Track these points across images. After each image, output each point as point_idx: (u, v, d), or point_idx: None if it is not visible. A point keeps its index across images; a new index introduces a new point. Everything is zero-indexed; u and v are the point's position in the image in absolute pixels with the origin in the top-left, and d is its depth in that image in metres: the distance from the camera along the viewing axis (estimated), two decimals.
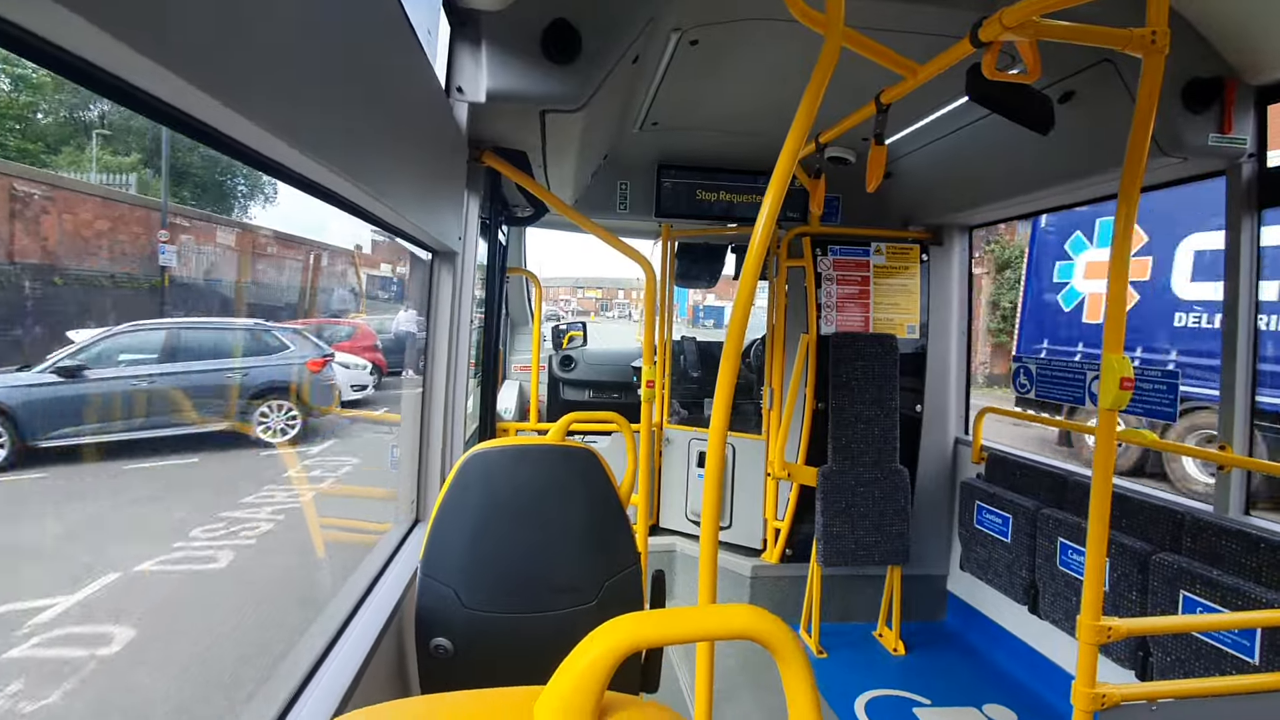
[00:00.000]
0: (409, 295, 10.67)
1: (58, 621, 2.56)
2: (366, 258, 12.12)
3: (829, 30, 1.42)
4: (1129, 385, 1.51)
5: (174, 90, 0.66)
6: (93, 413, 3.68)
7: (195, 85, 0.65)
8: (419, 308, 2.30)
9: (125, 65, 0.61)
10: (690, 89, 2.96)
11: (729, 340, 1.46)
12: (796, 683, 0.60)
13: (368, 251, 12.08)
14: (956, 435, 3.90)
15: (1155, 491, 2.67)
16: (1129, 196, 1.51)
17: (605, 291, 59.31)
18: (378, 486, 5.27)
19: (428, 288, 2.21)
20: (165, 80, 0.63)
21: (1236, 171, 2.32)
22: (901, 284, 3.83)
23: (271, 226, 4.92)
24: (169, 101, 0.70)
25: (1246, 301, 2.33)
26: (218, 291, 6.14)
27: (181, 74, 0.63)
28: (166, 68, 0.61)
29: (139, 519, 3.69)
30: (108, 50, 0.57)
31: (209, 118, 0.76)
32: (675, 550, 4.02)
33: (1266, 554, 2.11)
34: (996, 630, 3.44)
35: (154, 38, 0.59)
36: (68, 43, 0.56)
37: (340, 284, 10.64)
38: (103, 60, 0.60)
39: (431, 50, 1.70)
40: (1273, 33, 2.07)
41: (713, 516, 1.48)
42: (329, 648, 1.45)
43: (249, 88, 0.76)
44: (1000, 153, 3.12)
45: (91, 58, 0.59)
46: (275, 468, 5.45)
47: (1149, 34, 1.47)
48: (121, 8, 0.54)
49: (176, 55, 0.62)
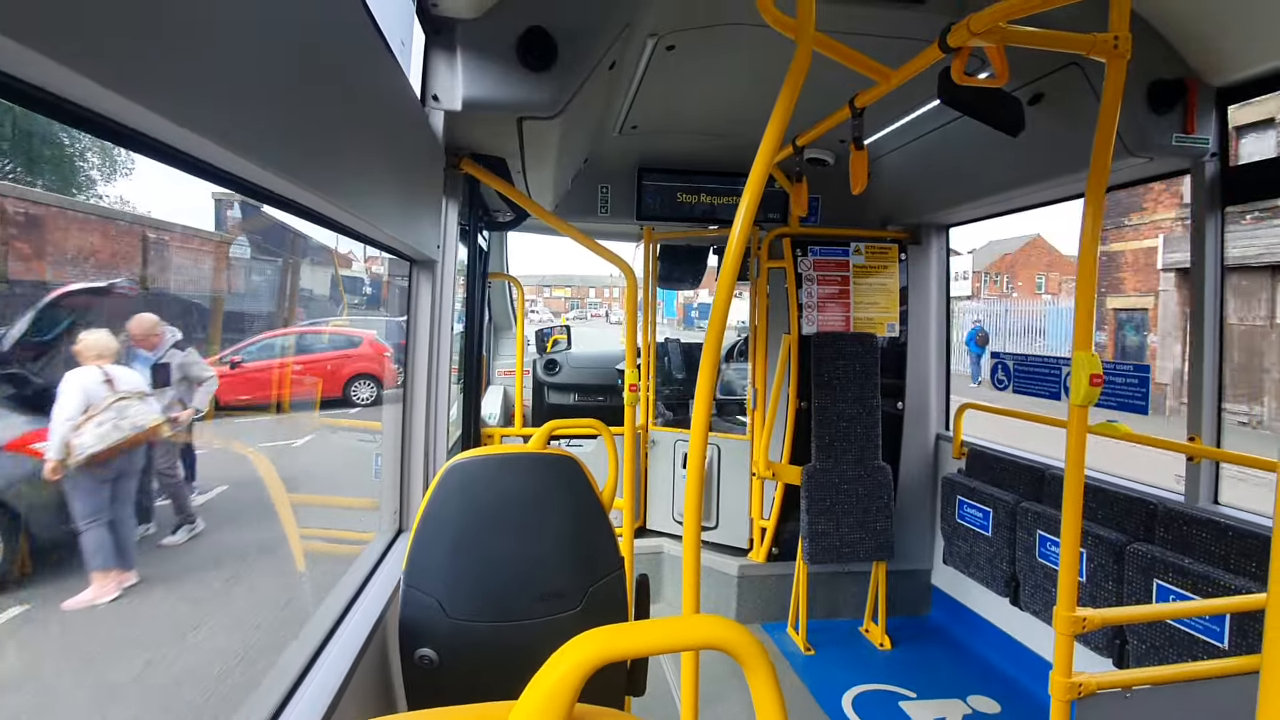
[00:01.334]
0: (386, 301, 9.86)
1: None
2: (342, 256, 11.23)
3: (800, 35, 1.44)
4: (1098, 381, 1.54)
5: (121, 109, 0.64)
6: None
7: (144, 104, 0.63)
8: (400, 313, 2.29)
9: (71, 86, 0.58)
10: (669, 93, 2.98)
11: (708, 341, 1.47)
12: (763, 690, 0.62)
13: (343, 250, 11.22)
14: (938, 431, 3.96)
15: (1129, 483, 2.73)
16: (1096, 196, 1.55)
17: (575, 290, 55.71)
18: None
19: (408, 296, 2.20)
20: (112, 100, 0.61)
21: (1200, 170, 2.38)
22: (881, 283, 3.87)
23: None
24: (120, 121, 0.68)
25: (1212, 297, 2.39)
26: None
27: (131, 93, 0.61)
28: (113, 89, 0.59)
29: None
30: (49, 71, 0.54)
31: (165, 136, 0.74)
32: (663, 552, 4.04)
33: (1234, 541, 2.17)
34: (980, 623, 3.50)
35: (105, 59, 0.57)
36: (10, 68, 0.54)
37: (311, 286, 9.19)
38: (48, 83, 0.57)
39: (405, 59, 1.69)
40: (1231, 34, 2.13)
41: (695, 522, 1.49)
42: (313, 660, 1.44)
43: (208, 103, 0.74)
44: (974, 153, 3.17)
45: (34, 80, 0.56)
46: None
47: (1111, 39, 1.51)
48: (61, 24, 0.52)
49: (127, 74, 0.60)
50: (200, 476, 3.40)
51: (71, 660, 2.35)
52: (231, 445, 4.31)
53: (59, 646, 2.36)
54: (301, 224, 1.41)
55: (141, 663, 2.44)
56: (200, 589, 2.97)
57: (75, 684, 2.27)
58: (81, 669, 2.36)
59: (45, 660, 2.29)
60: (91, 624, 2.47)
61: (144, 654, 2.48)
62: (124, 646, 2.47)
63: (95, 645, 2.43)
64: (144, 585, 2.68)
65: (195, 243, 3.33)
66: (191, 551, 3.12)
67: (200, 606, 2.90)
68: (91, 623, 2.47)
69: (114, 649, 2.45)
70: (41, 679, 2.23)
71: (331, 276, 9.40)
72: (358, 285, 11.63)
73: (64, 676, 2.29)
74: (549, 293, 54.96)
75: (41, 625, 2.35)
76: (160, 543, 3.09)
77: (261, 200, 1.06)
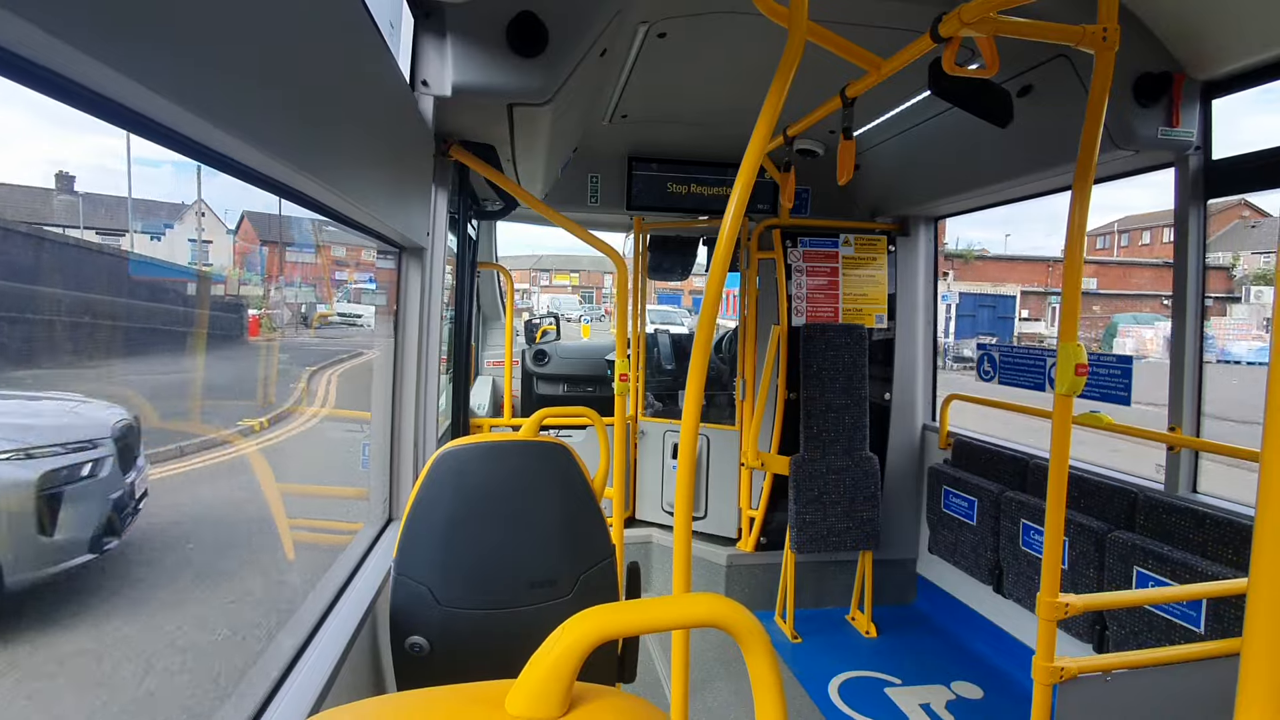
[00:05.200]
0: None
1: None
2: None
3: (793, 24, 1.43)
4: (1083, 371, 1.56)
5: (120, 88, 0.65)
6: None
7: (143, 83, 0.63)
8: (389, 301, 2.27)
9: (69, 63, 0.58)
10: (659, 82, 2.96)
11: (699, 332, 1.48)
12: (761, 668, 0.63)
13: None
14: (924, 422, 4.00)
15: (1111, 472, 2.78)
16: (1083, 187, 1.57)
17: (586, 277, 39.98)
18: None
19: (396, 283, 2.18)
20: (110, 78, 0.62)
21: (1184, 163, 2.41)
22: (870, 275, 3.89)
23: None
24: (114, 98, 0.67)
25: (1194, 289, 2.42)
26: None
27: (127, 71, 0.61)
28: (112, 66, 0.59)
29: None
30: (45, 47, 0.55)
31: (158, 115, 0.74)
32: (652, 541, 4.06)
33: (1211, 529, 2.21)
34: (964, 610, 3.55)
35: (98, 35, 0.57)
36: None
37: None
38: (43, 58, 0.57)
39: (394, 43, 1.67)
40: (1216, 29, 2.15)
41: (686, 508, 1.50)
42: (302, 648, 1.44)
43: (200, 84, 0.73)
44: (962, 146, 3.18)
45: (26, 54, 0.56)
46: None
47: (1100, 30, 1.52)
48: (63, 4, 0.53)
49: (121, 52, 0.60)
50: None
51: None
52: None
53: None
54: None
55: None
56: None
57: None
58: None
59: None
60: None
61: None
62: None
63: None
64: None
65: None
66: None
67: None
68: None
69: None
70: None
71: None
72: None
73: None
74: (548, 279, 39.96)
75: None
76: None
77: (249, 181, 1.05)
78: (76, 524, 1.63)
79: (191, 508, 2.44)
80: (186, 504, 2.43)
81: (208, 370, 2.77)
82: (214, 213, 3.77)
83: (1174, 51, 2.28)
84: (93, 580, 1.68)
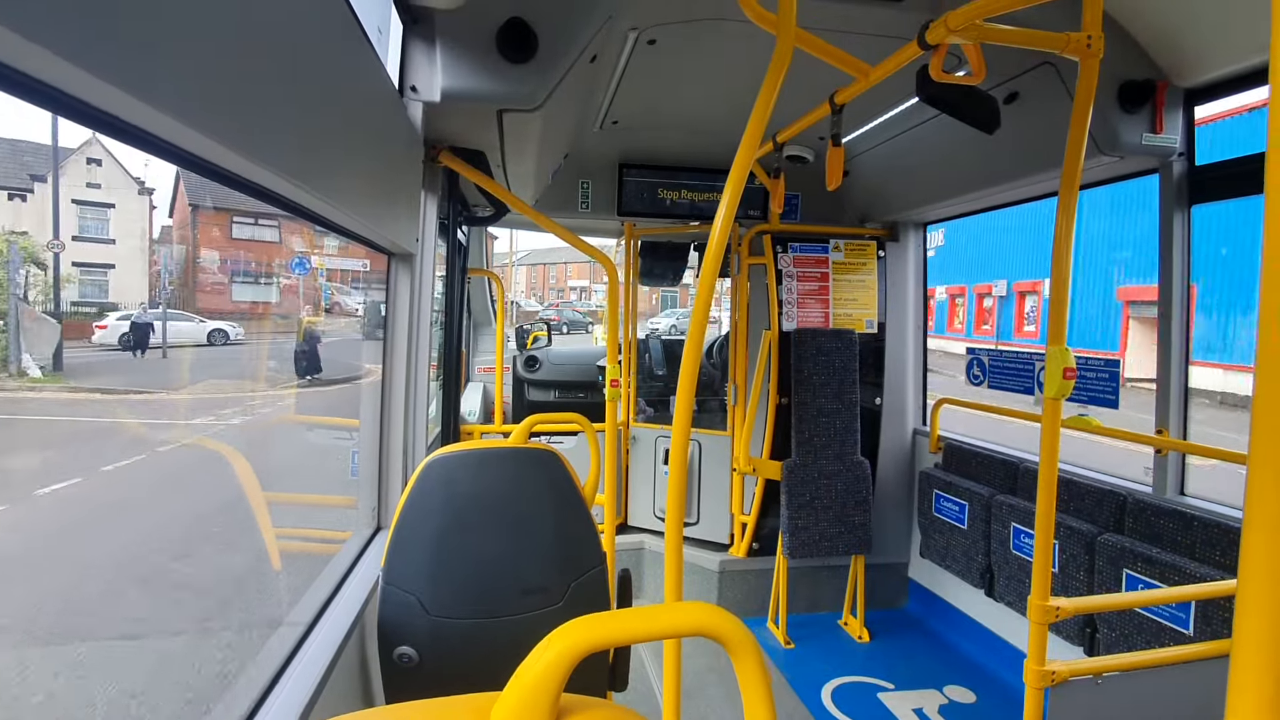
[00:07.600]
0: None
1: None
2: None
3: (781, 31, 1.44)
4: (1072, 375, 1.57)
5: (103, 95, 0.64)
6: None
7: (126, 89, 0.62)
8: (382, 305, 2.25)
9: (55, 73, 0.58)
10: (650, 88, 2.97)
11: (690, 338, 1.47)
12: (751, 677, 0.62)
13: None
14: (915, 426, 4.01)
15: (1100, 475, 2.79)
16: (1069, 193, 1.58)
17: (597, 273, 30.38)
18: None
19: (386, 290, 2.17)
20: (92, 85, 0.61)
21: (1168, 170, 2.44)
22: (860, 280, 3.91)
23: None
24: (99, 106, 0.67)
25: (1179, 292, 2.45)
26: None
27: (110, 78, 0.60)
28: (95, 73, 0.58)
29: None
30: (30, 55, 0.54)
31: (140, 120, 0.72)
32: (644, 548, 4.04)
33: (1199, 531, 2.23)
34: (956, 614, 3.55)
35: (84, 43, 0.56)
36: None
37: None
38: (26, 66, 0.56)
39: (383, 49, 1.66)
40: (1198, 37, 2.19)
41: (677, 515, 1.49)
42: (288, 660, 1.41)
43: (185, 89, 0.72)
44: (951, 152, 3.21)
45: (8, 61, 0.55)
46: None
47: (1085, 38, 1.54)
48: (41, 7, 0.52)
49: (104, 58, 0.59)
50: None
51: None
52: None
53: None
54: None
55: None
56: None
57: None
58: None
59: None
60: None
61: None
62: None
63: None
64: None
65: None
66: None
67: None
68: None
69: None
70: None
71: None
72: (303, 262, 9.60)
73: None
74: (551, 276, 33.02)
75: None
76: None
77: (236, 187, 1.04)
78: None
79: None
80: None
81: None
82: (117, 159, 2.27)
83: (1157, 59, 2.31)
84: None
